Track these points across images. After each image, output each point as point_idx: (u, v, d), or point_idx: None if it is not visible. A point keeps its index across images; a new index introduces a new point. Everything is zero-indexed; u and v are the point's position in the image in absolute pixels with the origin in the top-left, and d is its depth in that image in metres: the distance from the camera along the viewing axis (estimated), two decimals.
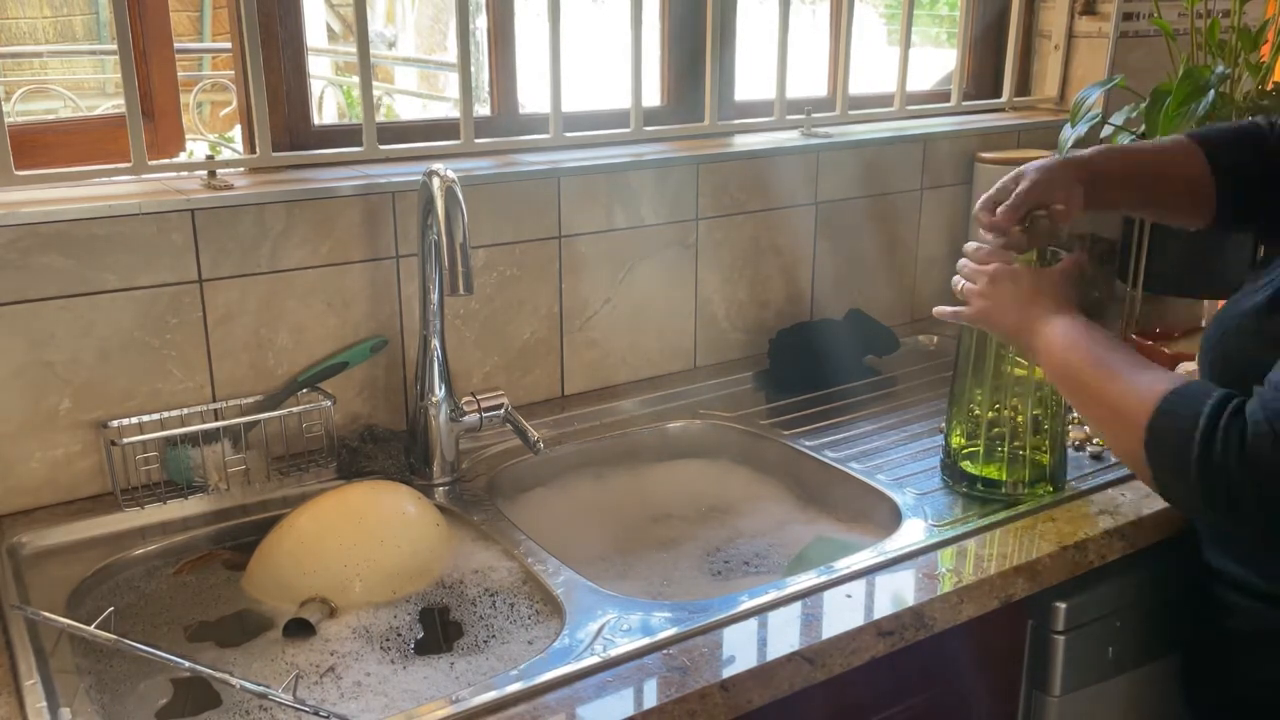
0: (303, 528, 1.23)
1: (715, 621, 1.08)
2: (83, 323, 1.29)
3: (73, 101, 4.30)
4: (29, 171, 1.29)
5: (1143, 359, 1.13)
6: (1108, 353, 1.14)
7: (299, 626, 1.14)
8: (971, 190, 1.99)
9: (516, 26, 1.67)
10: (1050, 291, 1.23)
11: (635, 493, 1.51)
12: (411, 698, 1.04)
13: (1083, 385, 1.15)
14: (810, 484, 1.48)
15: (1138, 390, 1.07)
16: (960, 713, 1.27)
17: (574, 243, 1.62)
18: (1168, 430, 1.03)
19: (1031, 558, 1.21)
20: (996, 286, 1.25)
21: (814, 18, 2.36)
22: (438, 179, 1.26)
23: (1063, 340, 1.18)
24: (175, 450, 1.34)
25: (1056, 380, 1.21)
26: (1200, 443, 1.00)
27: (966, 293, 1.29)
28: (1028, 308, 1.23)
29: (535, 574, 1.20)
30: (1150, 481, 1.07)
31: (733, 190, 1.75)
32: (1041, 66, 2.21)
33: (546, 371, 1.64)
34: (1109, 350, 1.14)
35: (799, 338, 1.76)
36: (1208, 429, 1.00)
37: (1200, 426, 1.00)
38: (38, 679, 0.99)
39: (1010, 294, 1.24)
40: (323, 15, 5.92)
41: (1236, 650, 1.22)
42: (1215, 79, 1.61)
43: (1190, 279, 1.79)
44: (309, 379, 1.42)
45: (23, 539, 1.25)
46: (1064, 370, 1.18)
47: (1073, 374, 1.16)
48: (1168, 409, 1.04)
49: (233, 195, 1.35)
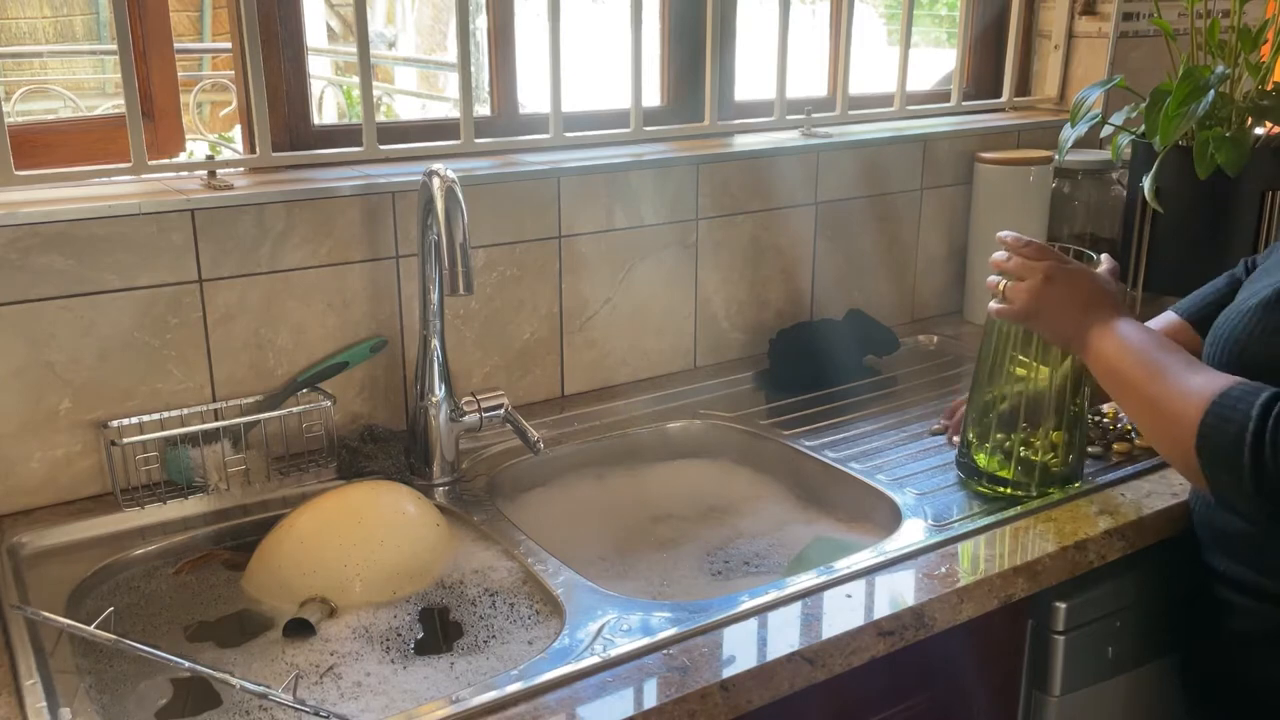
0: (303, 528, 1.23)
1: (715, 621, 1.08)
2: (83, 323, 1.29)
3: (73, 101, 4.30)
4: (29, 171, 1.29)
5: (1195, 361, 1.13)
6: (1162, 354, 1.14)
7: (299, 626, 1.14)
8: (971, 190, 1.99)
9: (516, 26, 1.67)
10: (1109, 294, 1.23)
11: (635, 493, 1.51)
12: (411, 698, 1.04)
13: (1134, 387, 1.15)
14: (810, 484, 1.48)
15: (1190, 391, 1.07)
16: (960, 713, 1.26)
17: (574, 243, 1.62)
18: (1220, 430, 1.03)
19: (1031, 558, 1.21)
20: (1052, 286, 1.24)
21: (814, 18, 2.36)
22: (438, 179, 1.26)
23: (1120, 343, 1.18)
24: (175, 450, 1.34)
25: (1107, 383, 1.20)
26: (1252, 441, 1.00)
27: (1013, 291, 1.27)
28: (1089, 310, 1.22)
29: (535, 574, 1.20)
30: (1203, 482, 1.07)
31: (733, 190, 1.75)
32: (1041, 66, 2.21)
33: (546, 371, 1.64)
34: (1163, 352, 1.14)
35: (799, 338, 1.76)
36: (1258, 428, 1.00)
37: (1252, 425, 1.00)
38: (38, 679, 0.99)
39: (1068, 295, 1.23)
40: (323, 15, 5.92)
41: (1237, 650, 1.22)
42: (1215, 79, 1.61)
43: (1190, 279, 1.79)
44: (309, 379, 1.42)
45: (23, 539, 1.25)
46: (1116, 373, 1.17)
47: (1124, 376, 1.16)
48: (1219, 409, 1.04)
49: (233, 195, 1.35)
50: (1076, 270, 1.25)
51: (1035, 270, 1.25)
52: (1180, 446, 1.07)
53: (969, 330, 1.98)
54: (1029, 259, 1.27)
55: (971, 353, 1.86)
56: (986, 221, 1.96)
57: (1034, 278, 1.25)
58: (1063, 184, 2.00)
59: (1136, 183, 1.75)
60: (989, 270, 1.32)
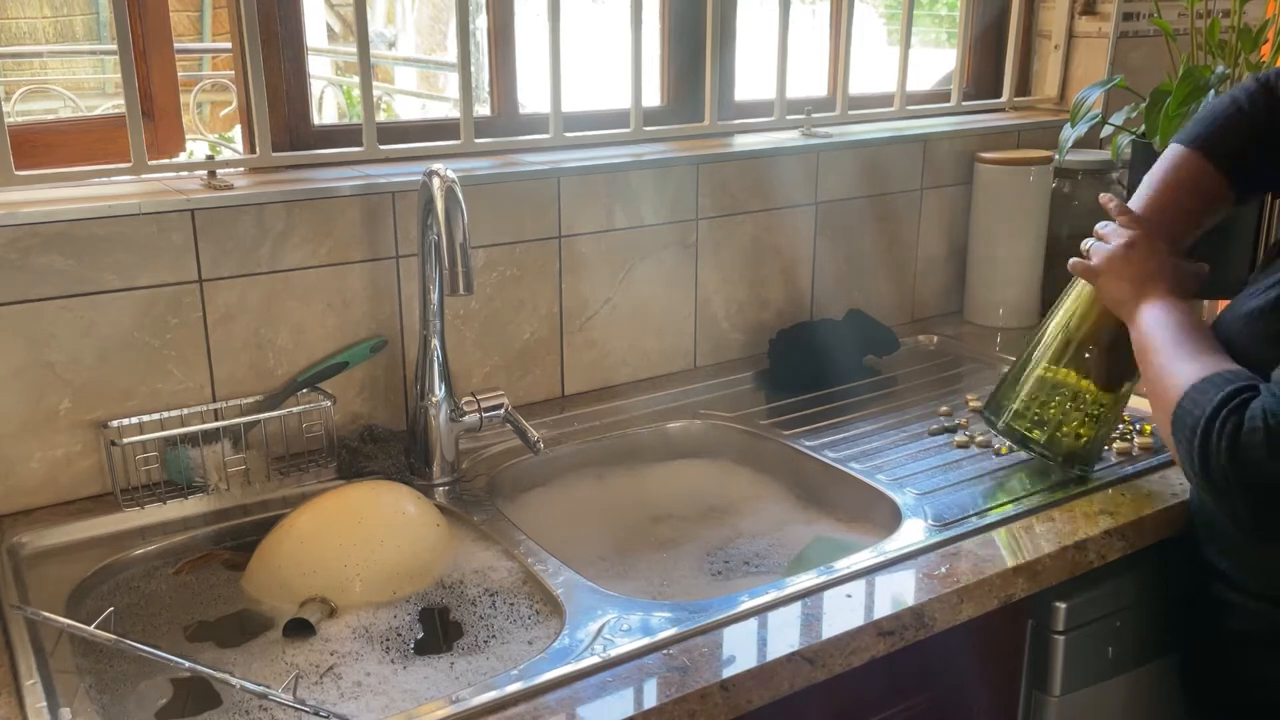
0: (303, 528, 1.23)
1: (715, 621, 1.08)
2: (83, 323, 1.29)
3: (73, 101, 4.30)
4: (29, 171, 1.29)
5: (1213, 347, 1.13)
6: (1184, 336, 1.15)
7: (299, 626, 1.14)
8: (971, 190, 1.99)
9: (516, 26, 1.67)
10: (1172, 276, 1.24)
11: (635, 493, 1.51)
12: (411, 698, 1.04)
13: (1148, 364, 1.18)
14: (810, 484, 1.48)
15: (1179, 375, 1.10)
16: (960, 713, 1.27)
17: (574, 243, 1.62)
18: (1186, 413, 1.06)
19: (1031, 558, 1.21)
20: (1131, 252, 1.26)
21: (814, 18, 2.36)
22: (438, 179, 1.26)
23: (1155, 318, 1.20)
24: (175, 450, 1.34)
25: (1138, 352, 1.22)
26: (1200, 433, 1.03)
27: (1095, 249, 1.30)
28: (1146, 283, 1.24)
29: (535, 574, 1.20)
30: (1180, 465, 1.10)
31: (733, 190, 1.75)
32: (1041, 66, 2.21)
33: (546, 371, 1.64)
34: (1186, 335, 1.16)
35: (799, 338, 1.76)
36: (1212, 414, 1.02)
37: (1208, 411, 1.03)
38: (38, 679, 0.99)
39: (1138, 264, 1.25)
40: (323, 15, 5.93)
41: (1236, 649, 1.22)
42: (1215, 79, 1.61)
43: None
44: (309, 379, 1.42)
45: (23, 539, 1.25)
46: (1141, 348, 1.20)
47: (1145, 352, 1.19)
48: (1193, 393, 1.06)
49: (233, 195, 1.35)
50: (1156, 248, 1.27)
51: (1121, 235, 1.28)
52: (1165, 427, 1.11)
53: (969, 330, 1.98)
54: (1123, 225, 1.29)
55: (972, 352, 1.87)
56: (986, 221, 1.96)
57: (1117, 241, 1.28)
58: (1063, 184, 2.00)
59: (1136, 183, 1.74)
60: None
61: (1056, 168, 1.96)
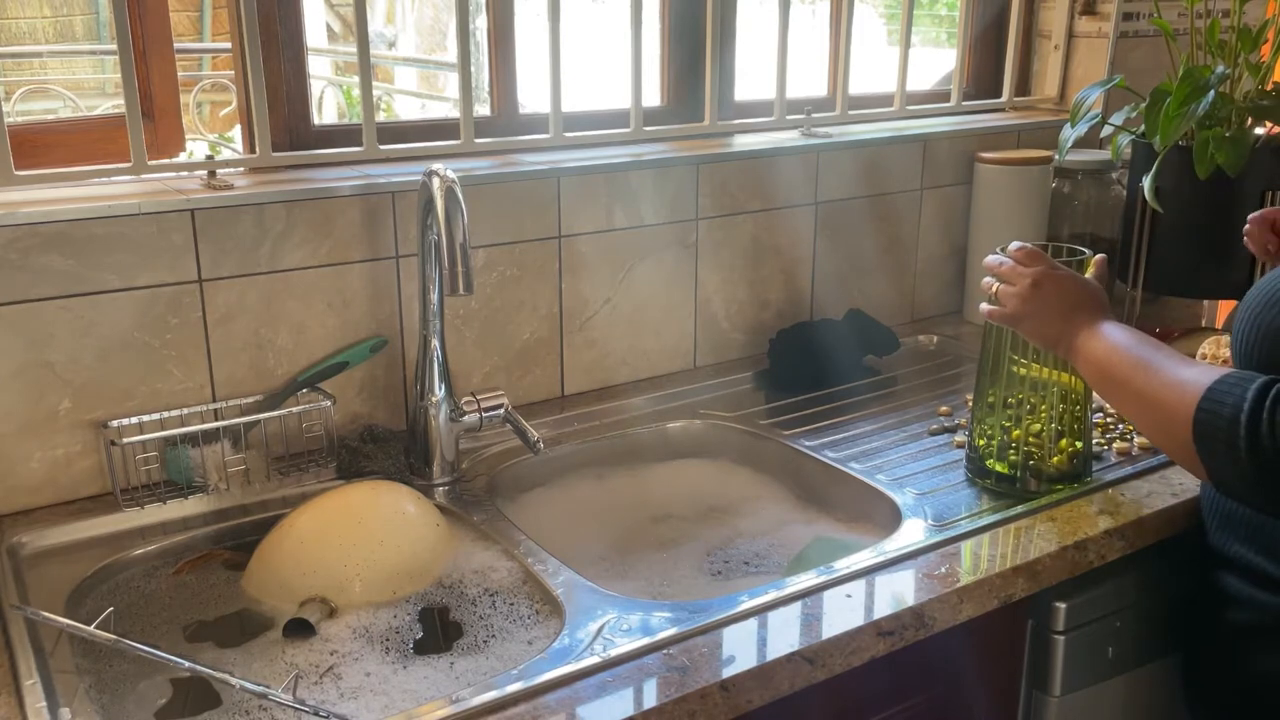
0: (303, 528, 1.23)
1: (715, 621, 1.08)
2: (83, 323, 1.29)
3: (73, 101, 4.30)
4: (29, 171, 1.29)
5: (1185, 357, 1.14)
6: (1151, 351, 1.15)
7: (299, 626, 1.14)
8: (971, 190, 1.99)
9: (516, 26, 1.67)
10: (1095, 298, 1.25)
11: (635, 493, 1.51)
12: (411, 698, 1.04)
13: (1125, 384, 1.15)
14: (810, 484, 1.48)
15: (1182, 383, 1.08)
16: (960, 713, 1.27)
17: (574, 243, 1.62)
18: (1215, 414, 1.04)
19: (1031, 558, 1.21)
20: (1040, 291, 1.25)
21: (814, 18, 2.36)
22: (438, 179, 1.26)
23: (1107, 343, 1.19)
24: (175, 450, 1.34)
25: (1098, 383, 1.21)
26: (1247, 422, 1.01)
27: (1003, 294, 1.28)
28: (1074, 314, 1.23)
29: (535, 574, 1.20)
30: (1202, 472, 1.08)
31: (733, 190, 1.75)
32: (1041, 66, 2.21)
33: (546, 371, 1.64)
34: (1152, 349, 1.15)
35: (799, 338, 1.76)
36: (1254, 408, 1.01)
37: (1247, 406, 1.01)
38: (38, 679, 0.99)
39: (1055, 300, 1.24)
40: (323, 15, 5.92)
41: (1238, 644, 1.22)
42: (1215, 79, 1.61)
43: (1190, 279, 1.79)
44: (309, 379, 1.42)
45: (23, 539, 1.25)
46: (1106, 373, 1.18)
47: (1115, 375, 1.17)
48: (1213, 395, 1.05)
49: (233, 195, 1.35)
50: (1064, 275, 1.26)
51: (1024, 276, 1.26)
52: (1177, 439, 1.08)
53: (969, 330, 1.98)
54: (1020, 264, 1.28)
55: (971, 352, 1.86)
56: (986, 221, 1.96)
57: (1022, 283, 1.26)
58: (1063, 184, 2.00)
59: (1136, 183, 1.75)
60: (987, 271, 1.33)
61: (1056, 168, 1.96)
